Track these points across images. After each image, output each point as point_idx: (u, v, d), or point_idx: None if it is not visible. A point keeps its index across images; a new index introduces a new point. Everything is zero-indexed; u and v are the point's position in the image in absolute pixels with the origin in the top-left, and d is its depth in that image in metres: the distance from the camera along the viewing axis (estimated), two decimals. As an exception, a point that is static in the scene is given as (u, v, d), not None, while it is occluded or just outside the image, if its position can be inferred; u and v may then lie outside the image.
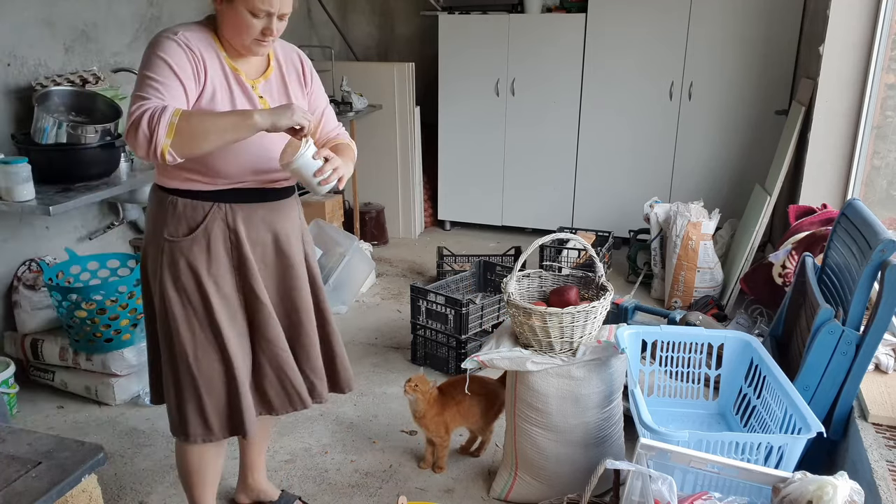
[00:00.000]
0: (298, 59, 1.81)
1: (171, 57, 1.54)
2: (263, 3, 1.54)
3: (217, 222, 1.67)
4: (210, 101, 1.60)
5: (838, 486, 1.41)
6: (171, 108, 1.47)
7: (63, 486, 1.22)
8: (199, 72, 1.58)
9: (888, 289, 1.79)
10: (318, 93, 1.86)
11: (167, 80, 1.52)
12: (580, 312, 1.97)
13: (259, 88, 1.69)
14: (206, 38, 1.63)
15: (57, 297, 2.67)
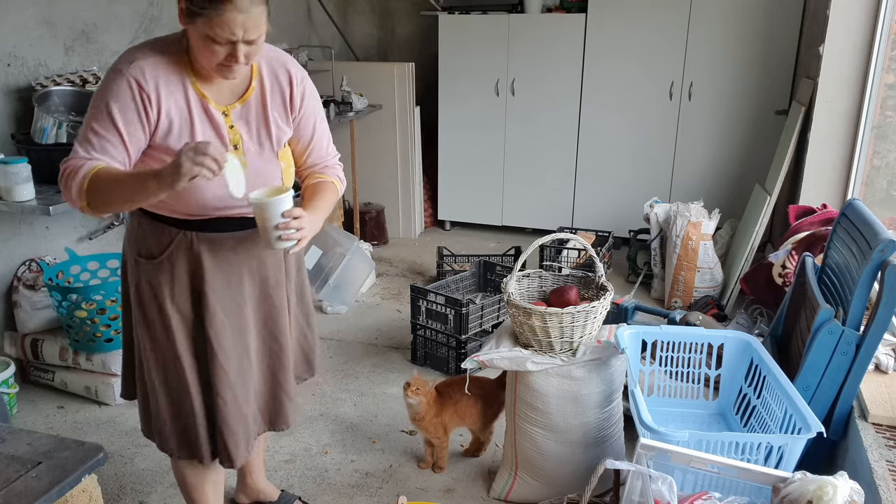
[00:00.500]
0: (287, 79, 1.61)
1: (115, 102, 1.43)
2: (223, 29, 1.38)
3: (182, 251, 1.59)
4: (165, 136, 1.49)
5: (838, 486, 1.41)
6: (86, 168, 1.41)
7: (63, 486, 1.22)
8: (149, 110, 1.45)
9: (888, 289, 1.79)
10: (308, 119, 1.67)
11: (105, 131, 1.44)
12: (580, 312, 1.97)
13: (233, 115, 1.55)
14: (170, 63, 1.48)
15: (57, 297, 2.67)
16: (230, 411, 1.68)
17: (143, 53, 1.47)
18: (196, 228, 1.59)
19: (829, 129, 3.24)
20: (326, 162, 1.76)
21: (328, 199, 1.69)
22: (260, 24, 1.42)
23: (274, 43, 1.62)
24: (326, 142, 1.75)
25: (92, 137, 1.44)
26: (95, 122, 1.44)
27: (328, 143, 1.76)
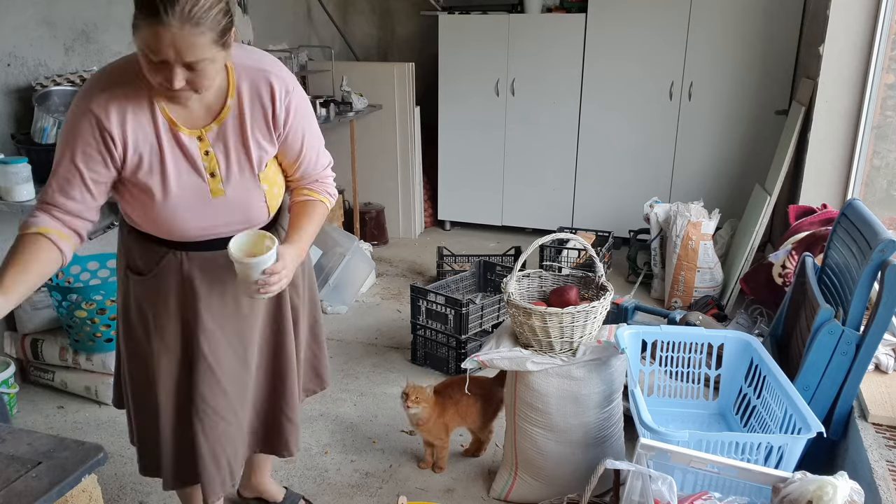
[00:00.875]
0: (269, 93, 1.45)
1: (75, 142, 1.36)
2: (153, 45, 1.24)
3: (171, 272, 1.53)
4: (135, 171, 1.40)
5: (838, 486, 1.41)
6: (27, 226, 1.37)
7: (63, 486, 1.22)
8: (112, 149, 1.37)
9: (888, 289, 1.79)
10: (296, 134, 1.53)
11: (66, 172, 1.38)
12: (580, 312, 1.97)
13: (209, 138, 1.43)
14: (134, 90, 1.38)
15: (57, 297, 2.67)
16: (216, 425, 1.59)
17: (103, 85, 1.38)
18: (186, 248, 1.52)
19: (829, 129, 3.24)
20: (316, 175, 1.63)
21: (316, 221, 1.60)
22: (196, 47, 1.25)
23: (274, 43, 1.57)
24: (316, 155, 1.61)
25: (54, 180, 1.39)
26: (58, 164, 1.38)
27: (318, 156, 1.62)
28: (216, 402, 1.59)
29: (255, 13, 4.10)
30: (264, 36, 4.26)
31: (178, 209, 1.45)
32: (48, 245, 1.37)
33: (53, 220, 1.39)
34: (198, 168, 1.43)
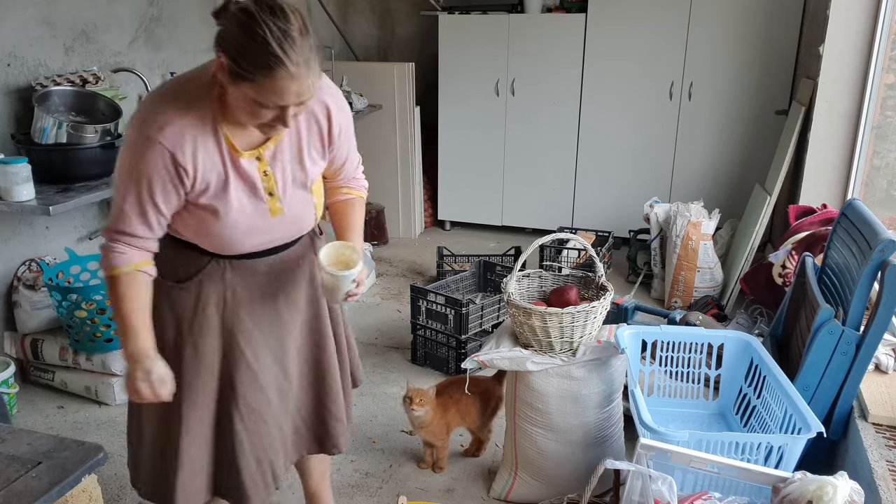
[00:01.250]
0: (325, 111, 1.49)
1: (150, 176, 1.34)
2: (275, 96, 1.27)
3: (212, 280, 1.52)
4: (201, 195, 1.41)
5: (838, 486, 1.41)
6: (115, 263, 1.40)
7: (63, 486, 1.22)
8: (185, 180, 1.37)
9: (888, 289, 1.79)
10: (343, 147, 1.60)
11: (143, 206, 1.38)
12: (580, 312, 1.97)
13: (266, 157, 1.44)
14: (201, 118, 1.36)
15: (57, 297, 2.67)
16: (258, 428, 1.58)
17: (171, 115, 1.34)
18: (230, 257, 1.52)
19: (829, 129, 3.24)
20: (354, 174, 1.73)
21: (361, 216, 1.71)
22: (312, 87, 1.30)
23: None
24: (357, 161, 1.72)
25: (129, 211, 1.38)
26: (128, 194, 1.37)
27: (354, 164, 1.72)
28: (259, 405, 1.58)
29: (255, 13, 4.09)
30: (264, 36, 4.26)
31: (236, 229, 1.47)
32: (145, 278, 1.44)
33: (137, 251, 1.42)
34: (258, 190, 1.45)
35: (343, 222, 1.69)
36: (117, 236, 1.41)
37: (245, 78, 1.25)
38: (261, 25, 1.22)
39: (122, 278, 1.41)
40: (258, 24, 1.22)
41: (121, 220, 1.40)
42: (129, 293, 1.42)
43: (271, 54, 1.23)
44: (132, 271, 1.41)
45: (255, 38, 1.23)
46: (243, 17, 1.24)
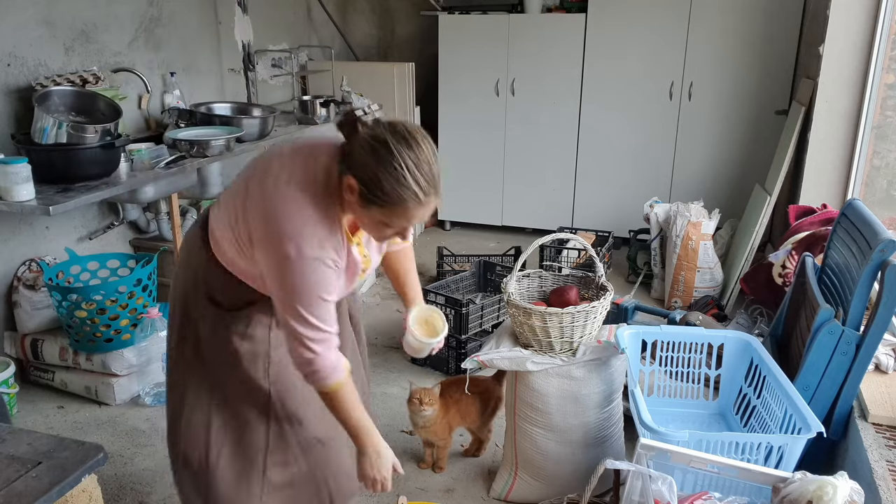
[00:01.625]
0: None
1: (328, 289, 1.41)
2: (403, 220, 1.36)
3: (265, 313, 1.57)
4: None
5: (838, 486, 1.41)
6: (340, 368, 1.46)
7: (63, 486, 1.22)
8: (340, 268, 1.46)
9: (888, 289, 1.79)
10: None
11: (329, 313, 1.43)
12: (580, 312, 1.97)
13: (363, 241, 1.53)
14: (335, 221, 1.40)
15: (57, 297, 2.67)
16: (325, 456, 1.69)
17: (320, 231, 1.38)
18: None
19: (829, 129, 3.24)
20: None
21: (413, 263, 1.83)
22: (440, 203, 1.40)
23: (274, 43, 1.58)
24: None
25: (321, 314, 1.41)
26: (318, 311, 1.40)
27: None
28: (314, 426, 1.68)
29: (255, 13, 4.09)
30: (264, 36, 4.26)
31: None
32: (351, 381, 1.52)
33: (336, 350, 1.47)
34: (358, 270, 1.54)
35: (400, 273, 1.81)
36: (318, 344, 1.42)
37: (376, 204, 1.33)
38: (396, 159, 1.28)
39: (345, 386, 1.47)
40: (394, 157, 1.28)
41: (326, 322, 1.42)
42: (352, 396, 1.50)
43: (406, 188, 1.29)
44: (349, 376, 1.48)
45: (390, 171, 1.28)
46: (378, 146, 1.29)
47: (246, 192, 1.44)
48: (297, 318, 1.40)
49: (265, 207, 1.38)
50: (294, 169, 1.40)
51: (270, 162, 1.44)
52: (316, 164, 1.40)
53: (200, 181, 3.18)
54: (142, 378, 2.81)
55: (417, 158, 1.30)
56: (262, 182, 1.41)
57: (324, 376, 1.44)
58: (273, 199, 1.37)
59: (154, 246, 3.26)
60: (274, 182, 1.39)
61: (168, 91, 3.45)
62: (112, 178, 2.68)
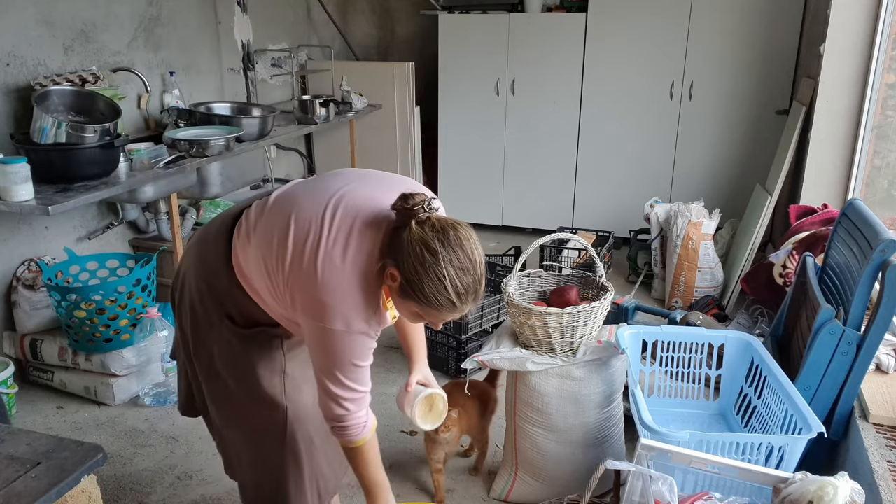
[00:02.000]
0: None
1: (367, 353, 1.42)
2: (440, 320, 1.38)
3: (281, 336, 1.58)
4: None
5: (839, 487, 1.41)
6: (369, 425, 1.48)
7: (62, 486, 1.21)
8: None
9: (889, 289, 1.78)
10: None
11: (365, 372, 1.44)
12: (580, 312, 1.97)
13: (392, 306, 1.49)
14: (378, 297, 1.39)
15: (56, 297, 2.67)
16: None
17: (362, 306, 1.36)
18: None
19: (829, 129, 3.24)
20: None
21: (422, 331, 1.85)
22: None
23: (274, 43, 1.55)
24: None
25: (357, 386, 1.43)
26: (355, 375, 1.42)
27: None
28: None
29: (255, 13, 4.09)
30: (264, 35, 4.26)
31: None
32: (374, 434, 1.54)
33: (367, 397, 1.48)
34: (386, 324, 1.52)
35: (409, 332, 1.83)
36: (352, 403, 1.43)
37: (414, 300, 1.33)
38: (442, 271, 1.29)
39: (369, 443, 1.50)
40: (440, 268, 1.29)
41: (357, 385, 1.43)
42: (373, 454, 1.52)
43: (446, 297, 1.31)
44: (374, 433, 1.51)
45: (434, 280, 1.29)
46: (427, 255, 1.28)
47: (285, 249, 1.38)
48: (334, 381, 1.41)
49: (315, 281, 1.34)
50: (346, 244, 1.35)
51: (310, 226, 1.37)
52: (363, 241, 1.35)
53: (200, 181, 3.18)
54: (141, 378, 2.80)
55: (463, 270, 1.30)
56: (304, 249, 1.36)
57: (353, 434, 1.46)
58: (324, 275, 1.34)
59: (153, 246, 3.25)
60: (325, 257, 1.34)
61: (167, 91, 3.45)
62: (111, 177, 2.68)
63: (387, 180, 1.49)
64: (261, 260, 1.43)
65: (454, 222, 1.33)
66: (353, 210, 1.38)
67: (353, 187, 1.43)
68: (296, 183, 1.55)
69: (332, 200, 1.39)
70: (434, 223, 1.30)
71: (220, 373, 1.59)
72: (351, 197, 1.40)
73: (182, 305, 1.60)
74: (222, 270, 1.50)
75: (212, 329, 1.56)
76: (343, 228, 1.35)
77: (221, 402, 1.63)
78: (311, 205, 1.41)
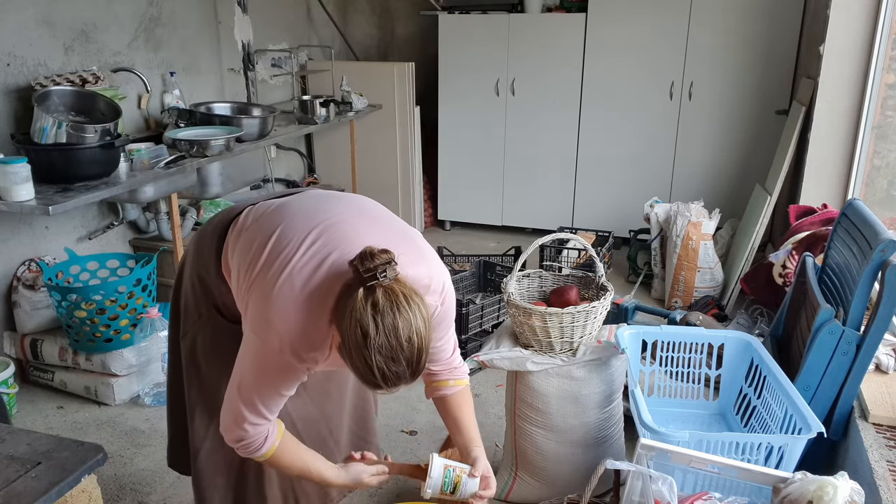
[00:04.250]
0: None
1: (288, 381, 1.37)
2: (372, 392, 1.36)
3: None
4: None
5: (839, 487, 1.41)
6: (265, 448, 1.42)
7: (62, 486, 1.21)
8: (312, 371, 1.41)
9: (888, 289, 1.78)
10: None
11: (277, 399, 1.39)
12: (580, 312, 1.97)
13: None
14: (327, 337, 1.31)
15: (56, 297, 2.67)
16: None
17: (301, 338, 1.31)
18: None
19: (829, 129, 3.24)
20: (450, 363, 1.59)
21: (469, 407, 1.61)
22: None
23: (274, 43, 1.53)
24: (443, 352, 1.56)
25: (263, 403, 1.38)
26: (262, 389, 1.37)
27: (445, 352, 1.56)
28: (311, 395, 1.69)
29: (255, 13, 4.09)
30: (264, 36, 4.26)
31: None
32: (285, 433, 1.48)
33: (273, 424, 1.44)
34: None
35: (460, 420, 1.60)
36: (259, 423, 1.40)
37: (348, 365, 1.25)
38: (371, 359, 1.19)
39: (278, 450, 1.45)
40: (370, 357, 1.19)
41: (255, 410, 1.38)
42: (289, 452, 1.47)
43: (373, 382, 1.23)
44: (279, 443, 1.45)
45: (362, 364, 1.21)
46: (360, 336, 1.19)
47: (259, 257, 1.36)
48: (249, 406, 1.37)
49: (269, 295, 1.31)
50: (311, 275, 1.30)
51: (289, 244, 1.34)
52: (327, 280, 1.29)
53: (200, 181, 3.18)
54: (141, 378, 2.80)
55: (393, 359, 1.20)
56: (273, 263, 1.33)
57: (254, 450, 1.42)
58: (279, 294, 1.30)
59: (154, 246, 3.26)
60: (287, 277, 1.30)
61: (168, 91, 3.45)
62: (112, 177, 2.68)
63: (382, 224, 1.42)
64: (238, 260, 1.43)
65: (406, 296, 1.21)
66: (334, 244, 1.32)
67: (345, 219, 1.39)
68: (304, 194, 1.53)
69: (320, 226, 1.36)
70: (380, 297, 1.19)
71: (201, 364, 1.61)
72: (338, 230, 1.36)
73: (178, 293, 1.64)
74: (212, 263, 1.52)
75: (199, 319, 1.59)
76: (316, 258, 1.31)
77: (198, 391, 1.64)
78: (299, 223, 1.38)
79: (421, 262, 1.38)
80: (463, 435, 1.59)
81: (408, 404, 2.74)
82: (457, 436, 1.61)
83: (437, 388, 1.59)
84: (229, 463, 1.67)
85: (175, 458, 1.86)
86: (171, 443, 1.86)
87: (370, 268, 1.19)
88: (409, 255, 1.34)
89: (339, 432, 1.82)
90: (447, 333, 1.52)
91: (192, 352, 1.62)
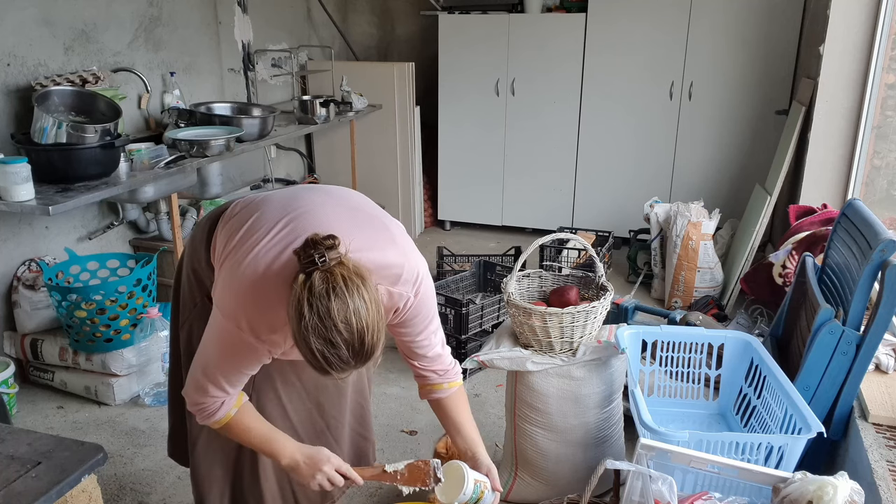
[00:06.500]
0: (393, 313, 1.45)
1: (250, 360, 1.40)
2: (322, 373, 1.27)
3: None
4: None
5: (838, 487, 1.41)
6: (219, 414, 1.44)
7: (63, 486, 1.21)
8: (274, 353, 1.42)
9: (888, 289, 1.78)
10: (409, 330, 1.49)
11: (238, 375, 1.42)
12: (580, 312, 1.97)
13: None
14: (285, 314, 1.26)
15: (57, 297, 2.67)
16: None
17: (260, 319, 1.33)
18: None
19: (829, 129, 3.24)
20: (437, 365, 1.58)
21: (465, 409, 1.61)
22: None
23: (274, 43, 1.54)
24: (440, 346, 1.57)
25: (224, 377, 1.41)
26: (226, 366, 1.39)
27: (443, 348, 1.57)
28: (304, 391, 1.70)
29: (255, 13, 4.10)
30: (264, 36, 4.26)
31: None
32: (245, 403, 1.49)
33: (230, 396, 1.45)
34: None
35: (459, 423, 1.61)
36: (217, 390, 1.42)
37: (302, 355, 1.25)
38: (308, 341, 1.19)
39: (233, 420, 1.46)
40: (307, 339, 1.19)
41: (216, 382, 1.41)
42: (246, 418, 1.48)
43: (318, 366, 1.22)
44: (234, 414, 1.46)
45: (302, 346, 1.21)
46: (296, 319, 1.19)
47: (233, 238, 1.40)
48: (210, 378, 1.40)
49: (235, 274, 1.34)
50: (274, 258, 1.32)
51: (261, 228, 1.37)
52: (290, 265, 1.29)
53: (200, 181, 3.18)
54: (141, 378, 2.80)
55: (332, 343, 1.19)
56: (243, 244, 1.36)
57: (208, 416, 1.44)
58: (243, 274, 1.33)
59: (154, 246, 3.26)
60: (253, 259, 1.33)
61: (168, 91, 3.45)
62: (112, 178, 2.68)
63: (356, 213, 1.43)
64: (220, 245, 1.47)
65: (345, 278, 1.18)
66: (300, 231, 1.33)
67: (318, 208, 1.40)
68: (291, 187, 1.58)
69: (292, 214, 1.39)
70: (316, 280, 1.18)
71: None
72: (308, 218, 1.37)
73: (178, 285, 1.68)
74: (203, 253, 1.55)
75: (195, 308, 1.61)
76: (281, 244, 1.33)
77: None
78: (275, 210, 1.41)
79: (390, 249, 1.38)
80: (463, 436, 1.60)
81: (408, 404, 2.74)
82: (456, 437, 1.62)
83: (431, 390, 1.60)
84: (226, 454, 1.68)
85: (175, 447, 1.87)
86: (172, 433, 1.88)
87: (310, 254, 1.20)
88: (375, 241, 1.36)
89: (340, 430, 1.82)
90: (427, 327, 1.50)
91: (188, 341, 1.64)
